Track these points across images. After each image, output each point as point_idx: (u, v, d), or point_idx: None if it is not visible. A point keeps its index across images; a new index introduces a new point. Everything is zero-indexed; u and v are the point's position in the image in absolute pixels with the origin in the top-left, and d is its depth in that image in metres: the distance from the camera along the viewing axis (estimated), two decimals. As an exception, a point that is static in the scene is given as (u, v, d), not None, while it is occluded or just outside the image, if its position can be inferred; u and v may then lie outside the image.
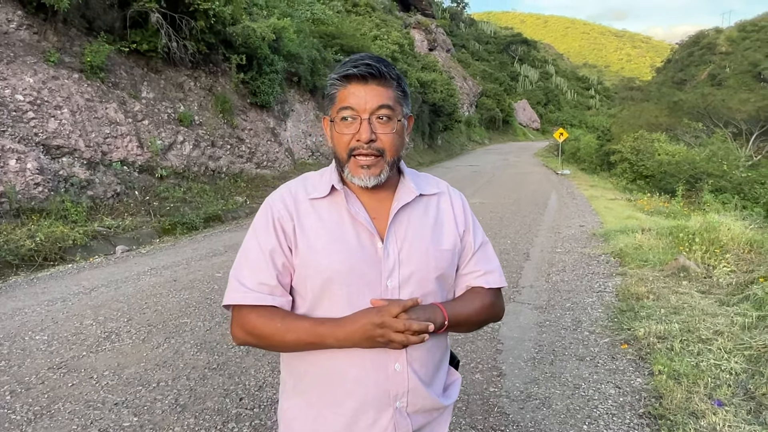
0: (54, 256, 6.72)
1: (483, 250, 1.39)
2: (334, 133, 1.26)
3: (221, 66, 12.46)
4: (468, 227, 1.38)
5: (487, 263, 1.38)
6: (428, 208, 1.34)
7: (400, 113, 1.25)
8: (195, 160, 10.88)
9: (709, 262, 5.91)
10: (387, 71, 1.22)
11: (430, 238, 1.30)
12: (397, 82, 1.24)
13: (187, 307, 4.80)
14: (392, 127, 1.22)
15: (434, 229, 1.32)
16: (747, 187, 15.50)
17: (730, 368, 3.39)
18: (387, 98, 1.22)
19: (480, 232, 1.41)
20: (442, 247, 1.31)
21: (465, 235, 1.37)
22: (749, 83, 67.89)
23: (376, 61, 1.21)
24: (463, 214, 1.39)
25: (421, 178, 1.40)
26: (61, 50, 8.81)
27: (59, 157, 8.05)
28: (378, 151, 1.22)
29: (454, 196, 1.41)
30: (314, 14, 19.54)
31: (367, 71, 1.19)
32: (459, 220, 1.37)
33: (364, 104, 1.20)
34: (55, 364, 3.59)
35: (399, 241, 1.27)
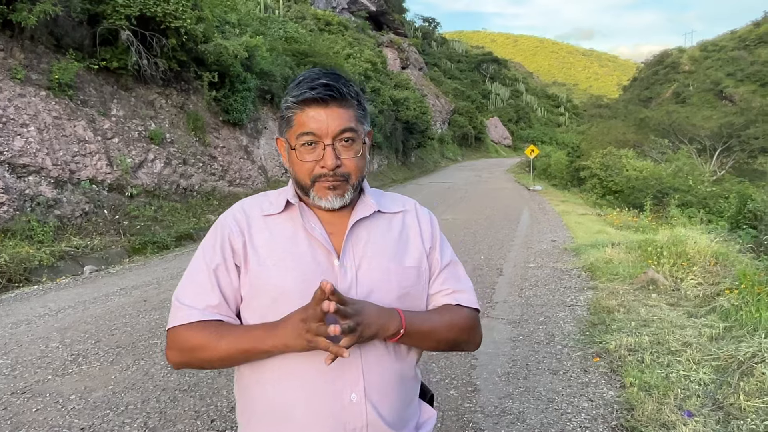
0: (19, 278, 6.54)
1: (452, 269, 1.30)
2: (294, 159, 1.17)
3: (193, 84, 12.38)
4: (435, 245, 1.29)
5: (456, 282, 1.28)
6: (392, 224, 1.27)
7: (363, 133, 1.18)
8: (166, 178, 10.75)
9: (677, 275, 6.03)
10: (347, 91, 1.14)
11: (392, 255, 1.21)
12: (357, 101, 1.17)
13: (158, 328, 4.71)
14: (356, 150, 1.16)
15: (398, 245, 1.24)
16: (712, 202, 15.92)
17: (699, 379, 3.45)
18: (348, 120, 1.14)
19: (449, 250, 1.32)
20: (405, 264, 1.22)
21: (432, 252, 1.28)
22: (712, 101, 70.09)
23: (334, 80, 1.13)
24: (430, 230, 1.30)
25: (386, 197, 1.33)
26: (28, 67, 8.66)
27: (25, 176, 7.87)
28: (343, 176, 1.15)
29: (421, 212, 1.33)
30: (287, 33, 19.62)
31: (326, 93, 1.11)
32: (425, 236, 1.29)
33: (326, 128, 1.12)
34: (18, 389, 3.48)
35: (357, 258, 1.19)
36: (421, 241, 1.28)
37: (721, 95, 73.41)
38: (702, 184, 18.26)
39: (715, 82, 76.99)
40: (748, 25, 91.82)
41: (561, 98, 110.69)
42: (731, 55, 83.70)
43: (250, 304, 1.18)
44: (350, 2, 49.97)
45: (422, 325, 1.17)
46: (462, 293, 1.28)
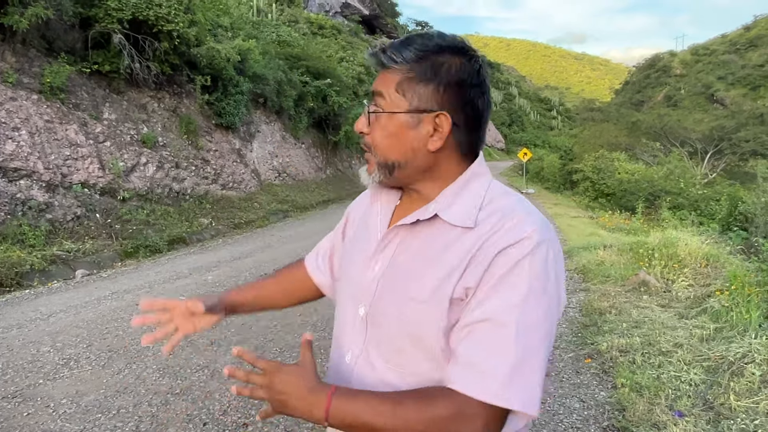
0: (10, 282, 6.50)
1: (486, 329, 0.84)
2: None
3: (186, 87, 12.37)
4: (483, 285, 0.86)
5: (477, 348, 0.84)
6: (439, 237, 0.94)
7: (401, 105, 0.93)
8: (159, 181, 10.72)
9: (668, 277, 6.07)
10: (390, 52, 0.94)
11: (410, 278, 0.94)
12: (408, 64, 0.93)
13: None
14: (380, 120, 0.95)
15: (426, 266, 0.93)
16: (703, 204, 16.03)
17: (690, 379, 3.47)
18: (383, 83, 0.95)
19: (506, 298, 0.84)
20: (414, 295, 0.91)
21: (469, 293, 0.88)
22: (703, 104, 70.68)
23: (393, 42, 0.96)
24: (488, 262, 0.87)
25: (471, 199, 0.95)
26: (20, 71, 8.62)
27: (17, 180, 7.83)
28: (366, 146, 0.99)
29: (501, 233, 0.89)
30: (280, 36, 19.62)
31: (370, 55, 0.98)
32: (472, 263, 0.88)
33: (373, 88, 0.98)
34: (9, 393, 3.45)
35: (387, 266, 0.98)
36: (459, 269, 0.89)
37: (712, 98, 74.08)
38: (693, 186, 18.39)
39: (706, 85, 77.72)
40: (738, 29, 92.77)
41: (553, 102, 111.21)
42: (722, 58, 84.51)
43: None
44: (343, 6, 50.07)
45: (355, 417, 0.84)
46: (469, 369, 0.84)
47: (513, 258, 0.86)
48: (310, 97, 18.09)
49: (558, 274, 0.89)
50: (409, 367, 0.93)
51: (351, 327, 1.02)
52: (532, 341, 0.84)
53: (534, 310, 0.85)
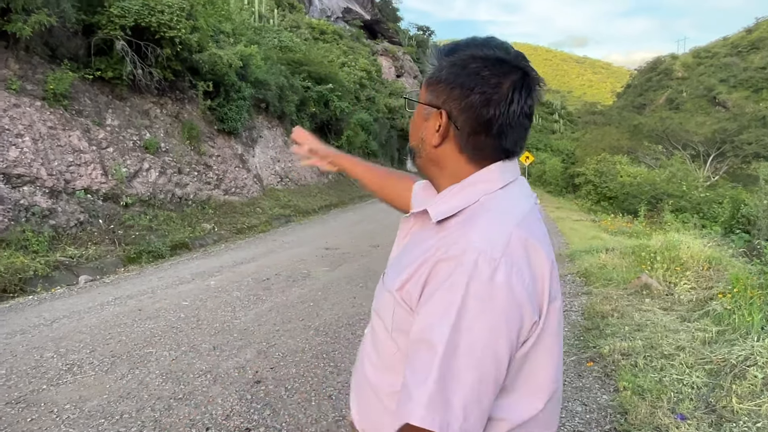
0: (14, 288, 6.52)
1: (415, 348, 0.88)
2: None
3: (188, 93, 12.42)
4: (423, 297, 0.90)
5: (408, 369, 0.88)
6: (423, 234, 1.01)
7: (423, 98, 1.04)
8: (161, 187, 10.75)
9: (670, 280, 6.06)
10: (434, 50, 1.05)
11: (391, 263, 1.07)
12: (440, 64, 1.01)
13: (153, 337, 4.71)
14: (411, 115, 1.10)
15: (399, 257, 1.05)
16: (705, 207, 16.02)
17: (692, 382, 3.47)
18: (425, 80, 1.06)
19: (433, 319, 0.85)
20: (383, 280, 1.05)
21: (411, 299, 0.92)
22: (705, 107, 70.62)
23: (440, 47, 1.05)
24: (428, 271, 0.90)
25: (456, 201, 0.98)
26: (23, 78, 8.67)
27: (20, 186, 7.86)
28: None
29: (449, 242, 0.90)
30: (282, 42, 19.70)
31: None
32: (420, 271, 0.91)
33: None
34: (13, 399, 3.47)
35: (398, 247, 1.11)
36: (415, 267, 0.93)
37: (714, 101, 74.01)
38: (696, 189, 18.37)
39: (708, 88, 77.64)
40: (740, 32, 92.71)
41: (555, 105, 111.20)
42: (724, 61, 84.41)
43: None
44: (345, 11, 50.23)
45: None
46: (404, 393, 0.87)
47: (448, 272, 0.86)
48: (312, 102, 18.16)
49: (512, 297, 0.85)
50: (378, 346, 1.02)
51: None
52: (459, 363, 0.83)
53: (467, 333, 0.83)
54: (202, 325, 5.07)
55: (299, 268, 7.70)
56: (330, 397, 3.50)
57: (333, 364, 4.04)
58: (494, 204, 0.96)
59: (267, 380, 3.77)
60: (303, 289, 6.45)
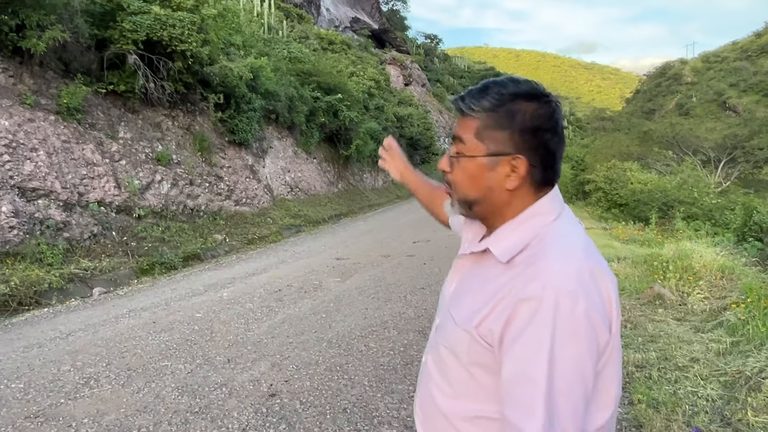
0: (29, 301, 6.60)
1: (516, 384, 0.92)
2: None
3: (199, 105, 12.54)
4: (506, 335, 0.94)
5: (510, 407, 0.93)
6: (487, 272, 1.05)
7: (479, 150, 1.03)
8: (173, 199, 10.85)
9: (683, 290, 6.04)
10: (469, 101, 1.04)
11: (457, 301, 1.09)
12: (486, 113, 1.02)
13: (168, 350, 4.75)
14: (459, 163, 1.06)
15: (467, 294, 1.07)
16: (717, 214, 15.90)
17: (707, 395, 3.46)
18: (464, 129, 1.05)
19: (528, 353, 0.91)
20: (454, 318, 1.06)
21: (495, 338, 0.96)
22: (715, 111, 70.19)
23: (474, 89, 1.06)
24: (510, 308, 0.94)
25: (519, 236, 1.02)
26: (38, 93, 8.81)
27: (35, 200, 7.97)
28: (447, 184, 1.11)
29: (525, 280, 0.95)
30: (291, 53, 19.84)
31: (453, 102, 1.08)
32: (498, 306, 0.97)
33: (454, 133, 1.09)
34: (32, 413, 3.52)
35: (454, 288, 1.15)
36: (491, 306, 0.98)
37: (724, 106, 73.57)
38: (707, 195, 18.26)
39: (718, 92, 77.19)
40: (749, 36, 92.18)
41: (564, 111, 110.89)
42: (733, 65, 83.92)
43: None
44: (352, 21, 50.54)
45: None
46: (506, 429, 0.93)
47: (531, 311, 0.91)
48: (321, 112, 18.26)
49: (589, 324, 0.91)
50: (449, 377, 1.07)
51: (432, 332, 1.21)
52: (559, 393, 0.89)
53: (560, 363, 0.89)
54: (216, 337, 5.11)
55: (310, 279, 7.74)
56: (345, 411, 3.52)
57: (347, 377, 4.06)
58: (555, 237, 1.01)
59: (282, 393, 3.80)
60: (315, 301, 6.48)
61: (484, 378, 1.00)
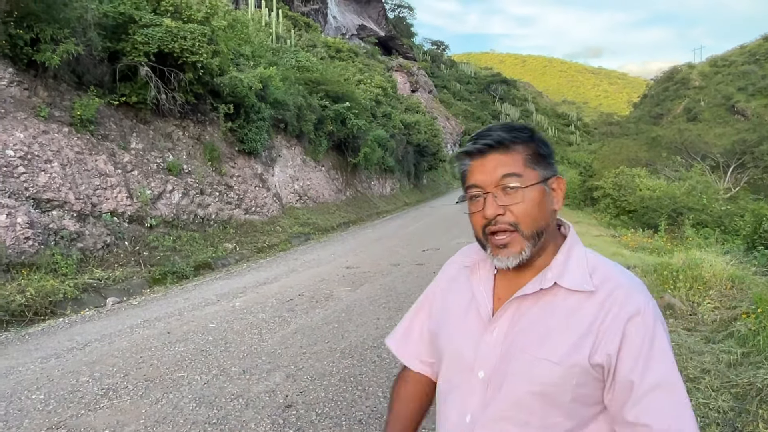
0: (44, 311, 6.70)
1: (663, 394, 0.99)
2: (469, 215, 1.15)
3: (209, 115, 12.67)
4: (624, 350, 1.01)
5: (664, 416, 0.98)
6: (560, 305, 1.08)
7: (534, 178, 1.08)
8: (184, 208, 10.96)
9: (693, 299, 6.06)
10: (507, 136, 1.09)
11: (539, 343, 1.06)
12: (524, 145, 1.10)
13: (183, 360, 4.82)
14: (522, 195, 1.07)
15: (552, 333, 1.06)
16: (727, 220, 15.85)
17: (718, 407, 3.49)
18: (512, 166, 1.08)
19: (664, 364, 1.01)
20: (547, 357, 1.04)
21: (612, 360, 1.01)
22: (723, 115, 69.87)
23: (496, 129, 1.11)
24: (622, 329, 1.01)
25: (578, 265, 1.10)
26: (51, 105, 8.94)
27: (49, 211, 8.09)
28: (511, 225, 1.07)
29: (620, 301, 1.04)
30: (299, 62, 20.00)
31: (483, 144, 1.10)
32: (606, 335, 1.02)
33: (487, 177, 1.09)
34: (54, 424, 3.59)
35: (506, 333, 1.10)
36: (591, 336, 1.03)
37: (733, 110, 73.24)
38: (717, 202, 18.20)
39: (726, 96, 76.88)
40: (757, 40, 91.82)
41: (571, 117, 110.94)
42: (742, 69, 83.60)
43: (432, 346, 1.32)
44: (359, 28, 50.79)
45: None
46: None
47: (647, 326, 1.02)
48: (330, 121, 18.38)
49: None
50: (534, 422, 1.06)
51: (467, 393, 1.13)
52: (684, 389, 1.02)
53: (675, 360, 1.03)
54: (230, 348, 5.18)
55: (321, 289, 7.80)
56: (360, 422, 3.58)
57: (361, 388, 4.12)
58: (596, 255, 1.13)
59: (297, 404, 3.86)
60: (326, 311, 6.55)
61: (582, 411, 1.05)
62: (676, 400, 0.99)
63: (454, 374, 1.17)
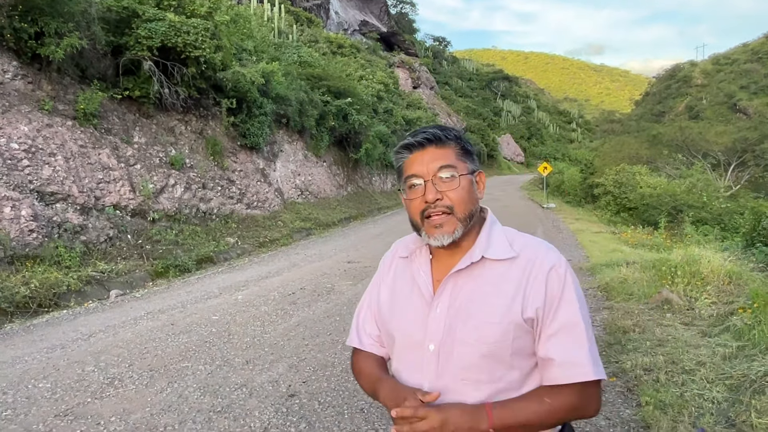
0: (48, 302, 6.78)
1: (565, 332, 1.20)
2: (406, 201, 1.31)
3: (212, 110, 12.72)
4: (547, 302, 1.22)
5: (564, 350, 1.19)
6: (490, 274, 1.26)
7: (465, 169, 1.28)
8: (186, 202, 11.02)
9: (691, 294, 6.11)
10: (443, 134, 1.29)
11: (477, 309, 1.23)
12: (455, 142, 1.30)
13: (187, 351, 4.89)
14: (457, 183, 1.25)
15: (488, 298, 1.24)
16: (727, 218, 15.90)
17: (713, 397, 3.56)
18: (447, 158, 1.27)
19: (569, 309, 1.22)
20: (489, 320, 1.21)
21: (539, 312, 1.21)
22: (725, 114, 69.79)
23: (431, 128, 1.30)
24: (544, 286, 1.22)
25: (499, 239, 1.30)
26: (55, 98, 9.00)
27: (53, 204, 8.15)
28: (447, 208, 1.24)
29: (538, 262, 1.25)
30: (301, 57, 20.04)
31: (423, 138, 1.28)
32: (531, 292, 1.22)
33: (426, 168, 1.26)
34: (61, 412, 3.66)
35: (447, 307, 1.26)
36: (522, 296, 1.22)
37: (734, 108, 73.17)
38: (717, 200, 18.22)
39: (728, 95, 76.79)
40: (760, 38, 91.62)
41: (573, 114, 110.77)
42: (744, 67, 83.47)
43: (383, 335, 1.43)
44: (361, 24, 50.74)
45: (514, 419, 1.17)
46: (569, 366, 1.19)
47: (559, 276, 1.24)
48: (331, 116, 18.43)
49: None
50: (484, 378, 1.22)
51: (421, 366, 1.28)
52: (589, 328, 1.23)
53: (583, 306, 1.25)
54: (233, 339, 5.25)
55: (323, 282, 7.87)
56: (362, 411, 3.65)
57: (361, 379, 4.18)
58: (512, 230, 1.35)
59: (300, 394, 3.93)
60: (328, 304, 6.61)
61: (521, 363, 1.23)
62: (575, 337, 1.20)
63: (407, 353, 1.32)
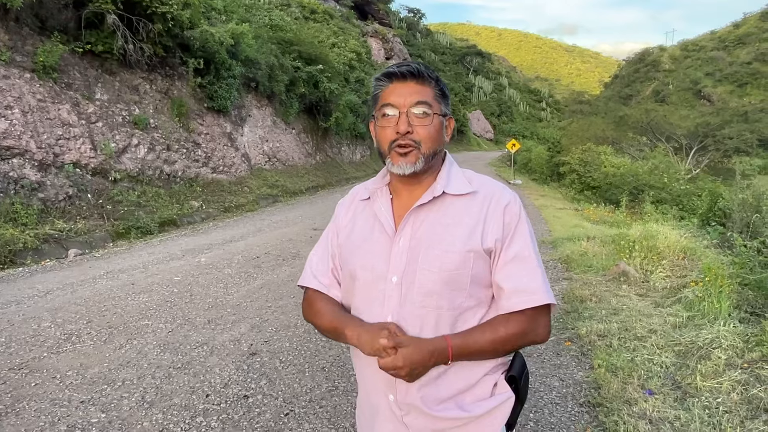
0: (3, 259, 6.60)
1: (518, 262, 1.29)
2: (377, 129, 1.34)
3: (178, 69, 12.38)
4: (504, 235, 1.30)
5: (518, 279, 1.27)
6: (450, 208, 1.32)
7: (438, 110, 1.31)
8: (150, 163, 10.78)
9: (647, 268, 6.31)
10: (426, 71, 1.31)
11: (439, 239, 1.29)
12: (435, 82, 1.32)
13: (147, 310, 4.84)
14: (429, 121, 1.29)
15: (449, 229, 1.30)
16: (685, 199, 16.36)
17: (661, 362, 3.71)
18: (425, 95, 1.30)
19: (521, 241, 1.31)
20: (450, 248, 1.27)
21: (498, 244, 1.29)
22: (690, 99, 71.31)
23: (416, 63, 1.32)
24: (501, 219, 1.30)
25: (458, 177, 1.37)
26: (13, 49, 8.62)
27: (9, 159, 7.88)
28: (415, 142, 1.28)
29: (495, 198, 1.33)
30: (272, 20, 19.53)
31: (406, 70, 1.30)
32: (490, 224, 1.30)
33: (403, 100, 1.28)
34: (15, 365, 3.60)
35: (410, 239, 1.30)
36: (482, 228, 1.29)
37: (699, 94, 74.81)
38: (677, 182, 18.71)
39: (694, 81, 78.37)
40: (728, 26, 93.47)
41: (543, 93, 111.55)
42: (711, 55, 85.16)
43: (341, 277, 1.45)
44: (335, -9, 49.69)
45: (472, 347, 1.26)
46: (522, 293, 1.26)
47: (515, 212, 1.32)
48: (302, 83, 18.11)
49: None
50: (445, 305, 1.28)
51: (383, 299, 1.31)
52: (539, 260, 1.31)
53: (534, 241, 1.33)
54: (196, 300, 5.21)
55: (288, 248, 7.84)
56: (323, 369, 3.68)
57: (325, 340, 4.21)
58: (472, 172, 1.41)
59: (262, 353, 3.94)
60: (293, 268, 6.60)
61: (479, 292, 1.30)
62: (527, 267, 1.28)
63: (369, 288, 1.34)
